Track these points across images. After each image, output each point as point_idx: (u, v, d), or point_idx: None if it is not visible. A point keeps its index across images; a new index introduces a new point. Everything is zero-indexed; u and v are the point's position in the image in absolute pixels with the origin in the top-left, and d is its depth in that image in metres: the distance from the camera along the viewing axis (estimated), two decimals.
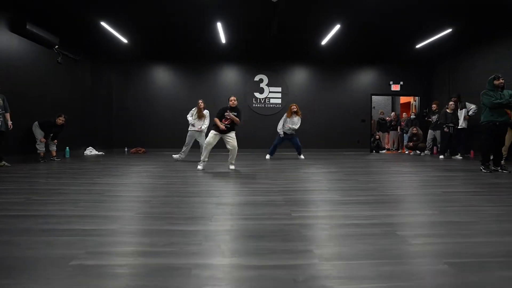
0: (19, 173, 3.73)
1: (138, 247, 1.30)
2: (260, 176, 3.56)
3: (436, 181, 3.28)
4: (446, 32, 6.39)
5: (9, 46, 5.15)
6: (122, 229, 1.54)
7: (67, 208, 1.97)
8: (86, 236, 1.43)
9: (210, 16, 5.77)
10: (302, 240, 1.39)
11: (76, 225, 1.60)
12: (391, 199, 2.31)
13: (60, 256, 1.19)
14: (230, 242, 1.37)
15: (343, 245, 1.35)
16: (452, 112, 6.69)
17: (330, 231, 1.55)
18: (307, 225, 1.64)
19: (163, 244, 1.33)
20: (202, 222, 1.66)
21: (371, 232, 1.52)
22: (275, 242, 1.37)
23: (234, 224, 1.64)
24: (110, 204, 2.10)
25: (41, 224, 1.61)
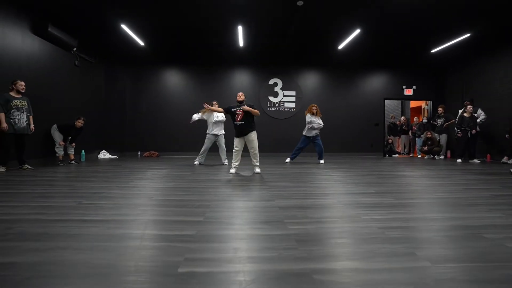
0: (47, 176, 3.65)
1: (237, 253, 1.24)
2: (293, 179, 3.50)
3: (475, 184, 3.25)
4: (464, 37, 6.43)
5: (31, 49, 5.10)
6: (201, 235, 1.48)
7: (128, 212, 1.91)
8: (173, 242, 1.37)
9: (232, 19, 5.76)
10: (405, 243, 1.35)
11: (153, 230, 1.54)
12: (449, 203, 2.27)
13: (164, 263, 1.13)
14: (331, 246, 1.32)
15: (447, 248, 1.30)
16: (470, 116, 6.70)
17: (431, 234, 1.50)
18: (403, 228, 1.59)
19: (260, 249, 1.28)
20: (280, 226, 1.61)
21: (463, 235, 1.48)
22: (377, 244, 1.32)
23: (316, 228, 1.58)
24: (168, 209, 2.03)
25: (115, 229, 1.54)
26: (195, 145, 8.30)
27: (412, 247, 1.32)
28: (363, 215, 1.89)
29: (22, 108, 4.36)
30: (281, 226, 1.63)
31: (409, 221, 1.75)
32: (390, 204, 2.22)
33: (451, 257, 1.21)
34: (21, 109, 4.34)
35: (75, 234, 1.46)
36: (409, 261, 1.17)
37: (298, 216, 1.85)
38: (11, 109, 4.18)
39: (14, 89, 4.27)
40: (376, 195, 2.60)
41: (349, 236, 1.48)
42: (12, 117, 4.19)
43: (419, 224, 1.70)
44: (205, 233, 1.50)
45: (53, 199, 2.31)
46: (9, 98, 4.19)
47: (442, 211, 2.00)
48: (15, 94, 4.29)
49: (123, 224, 1.65)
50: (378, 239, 1.42)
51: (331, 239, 1.43)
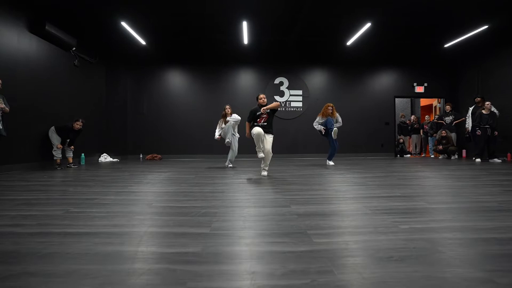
0: (41, 181, 3.39)
1: (255, 280, 0.94)
2: (305, 182, 3.20)
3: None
4: (481, 29, 6.09)
5: (28, 48, 4.89)
6: (208, 252, 1.18)
7: (122, 223, 1.62)
8: (173, 263, 1.07)
9: (236, 16, 5.51)
10: (477, 266, 1.03)
11: (149, 246, 1.25)
12: (495, 207, 1.95)
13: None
14: (377, 267, 1.01)
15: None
16: (489, 113, 6.34)
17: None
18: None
19: (285, 273, 0.97)
20: (303, 239, 1.31)
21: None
22: (438, 265, 1.01)
23: (348, 241, 1.28)
24: (169, 218, 1.74)
25: (102, 245, 1.26)
26: (199, 148, 8.06)
27: (486, 269, 1.01)
28: (399, 223, 1.58)
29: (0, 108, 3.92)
30: (306, 240, 1.32)
31: (461, 231, 1.44)
32: (426, 209, 1.90)
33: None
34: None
35: (51, 253, 1.17)
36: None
37: (322, 225, 1.55)
38: None
39: None
40: (405, 198, 2.28)
41: (395, 252, 1.17)
42: None
43: (474, 236, 1.37)
44: (212, 250, 1.21)
45: (38, 206, 2.04)
46: None
47: (491, 218, 1.67)
48: None
49: (113, 238, 1.36)
50: (436, 259, 1.11)
51: (374, 258, 1.12)
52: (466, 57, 7.93)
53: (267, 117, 3.99)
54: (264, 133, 3.87)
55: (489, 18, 5.69)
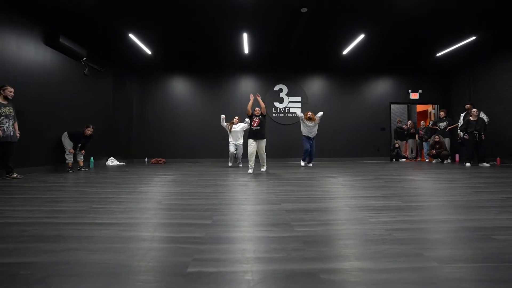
0: (58, 182, 3.73)
1: (245, 254, 1.26)
2: (299, 184, 3.51)
3: (486, 187, 3.20)
4: (469, 40, 6.42)
5: (43, 59, 5.28)
6: (210, 237, 1.50)
7: (138, 216, 1.94)
8: (182, 243, 1.40)
9: (237, 28, 5.88)
10: (413, 244, 1.35)
11: (162, 233, 1.57)
12: (459, 205, 2.25)
13: (173, 263, 1.16)
14: (339, 247, 1.33)
15: (456, 248, 1.29)
16: (476, 119, 6.64)
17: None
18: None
19: (267, 250, 1.29)
20: (287, 228, 1.62)
21: (473, 236, 1.47)
22: (385, 245, 1.32)
23: (323, 230, 1.59)
24: (176, 213, 2.06)
25: (126, 232, 1.58)
26: (202, 152, 8.41)
27: (420, 248, 1.32)
28: (370, 217, 1.89)
29: (10, 115, 4.17)
30: (289, 229, 1.64)
31: (417, 223, 1.75)
32: (398, 207, 2.21)
33: (459, 258, 1.21)
34: (9, 116, 4.15)
35: (88, 236, 1.50)
36: (417, 261, 1.17)
37: (305, 219, 1.86)
38: (0, 117, 4.01)
39: (1, 94, 4.08)
40: (384, 198, 2.59)
41: (357, 237, 1.49)
42: (0, 125, 4.02)
43: (428, 226, 1.69)
44: (213, 235, 1.53)
45: (65, 203, 2.37)
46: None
47: (451, 213, 1.99)
48: (2, 100, 4.10)
49: (133, 226, 1.68)
50: (386, 241, 1.42)
51: (338, 241, 1.44)
52: (458, 64, 8.26)
53: (260, 121, 5.04)
54: (258, 138, 5.05)
55: (475, 30, 6.02)
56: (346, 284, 0.99)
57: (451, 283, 0.99)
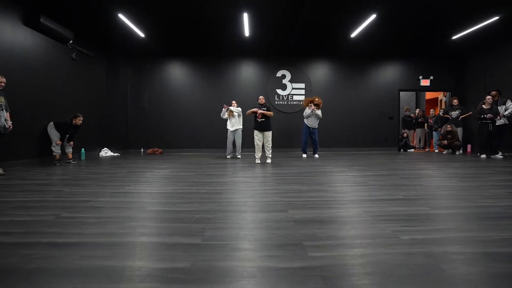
0: (37, 179, 3.37)
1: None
2: (306, 182, 3.13)
3: None
4: (492, 20, 5.85)
5: (22, 41, 4.79)
6: (197, 268, 1.12)
7: (114, 231, 1.57)
8: (161, 282, 1.02)
9: (237, 7, 5.33)
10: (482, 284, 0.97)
11: (135, 261, 1.20)
12: (499, 214, 1.87)
13: None
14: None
15: None
16: (490, 107, 6.15)
17: None
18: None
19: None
20: (299, 253, 1.25)
21: None
22: (436, 285, 0.94)
23: (344, 256, 1.21)
24: (161, 225, 1.69)
25: (87, 260, 1.21)
26: (201, 142, 8.01)
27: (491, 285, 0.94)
28: (400, 233, 1.51)
29: (2, 105, 3.88)
30: (301, 253, 1.26)
31: (462, 244, 1.37)
32: (428, 216, 1.83)
33: None
34: (1, 106, 3.86)
35: (33, 270, 1.13)
36: None
37: (319, 235, 1.49)
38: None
39: None
40: (407, 202, 2.21)
41: (392, 269, 1.10)
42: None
43: (479, 251, 1.31)
44: (202, 264, 1.15)
45: (30, 210, 2.00)
46: None
47: (497, 228, 1.60)
48: None
49: (100, 250, 1.31)
50: (435, 275, 1.04)
51: (367, 276, 1.06)
52: (474, 49, 7.68)
53: (262, 113, 5.13)
54: (264, 130, 5.20)
55: (500, 8, 5.45)
56: None
57: None
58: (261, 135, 5.22)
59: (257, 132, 5.22)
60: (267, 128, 5.21)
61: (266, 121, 5.17)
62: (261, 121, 5.15)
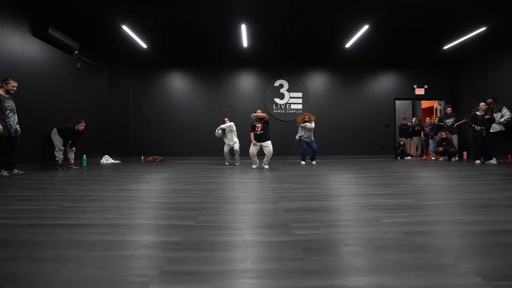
0: (41, 180, 3.48)
1: (230, 264, 0.99)
2: (299, 181, 3.24)
3: (506, 184, 2.91)
4: (479, 31, 6.10)
5: (30, 51, 5.03)
6: (189, 242, 1.23)
7: (110, 216, 1.68)
8: (154, 249, 1.13)
9: (234, 18, 5.60)
10: (441, 252, 1.07)
11: (133, 236, 1.30)
12: (481, 204, 1.97)
13: (133, 278, 0.89)
14: (346, 255, 1.05)
15: (496, 258, 1.02)
16: (483, 114, 6.30)
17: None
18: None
19: (259, 259, 1.02)
20: (284, 231, 1.35)
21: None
22: (405, 253, 1.04)
23: (327, 233, 1.32)
24: (159, 212, 1.80)
25: (90, 234, 1.32)
26: (200, 150, 8.14)
27: (452, 257, 1.04)
28: (382, 218, 1.61)
29: (14, 109, 4.08)
30: (286, 231, 1.37)
31: (438, 225, 1.47)
32: (413, 206, 1.93)
33: (507, 271, 0.93)
34: (13, 110, 4.07)
35: (42, 241, 1.23)
36: (453, 275, 0.90)
37: (306, 219, 1.59)
38: (6, 111, 3.90)
39: (3, 87, 3.93)
40: (394, 196, 2.31)
41: (369, 243, 1.21)
42: (7, 119, 3.91)
43: (453, 228, 1.41)
44: (194, 239, 1.26)
45: (35, 201, 2.11)
46: (1, 98, 3.89)
47: (476, 214, 1.70)
48: (4, 94, 3.95)
49: (102, 229, 1.42)
50: (406, 247, 1.15)
51: (346, 247, 1.16)
52: (466, 58, 7.93)
53: (262, 126, 5.26)
54: (261, 141, 5.26)
55: (487, 19, 5.70)
56: None
57: None
58: (259, 145, 5.29)
59: (255, 142, 5.29)
60: (265, 139, 5.28)
61: (264, 133, 5.27)
62: (259, 133, 5.27)
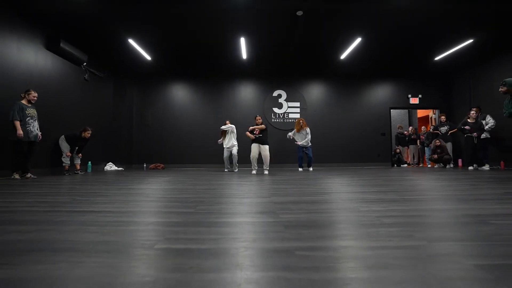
0: (50, 182, 3.69)
1: (221, 234, 1.19)
2: (293, 183, 3.43)
3: (486, 183, 3.09)
4: (467, 43, 6.41)
5: (43, 63, 5.35)
6: (188, 221, 1.44)
7: (120, 206, 1.89)
8: (159, 226, 1.34)
9: (234, 32, 5.94)
10: (403, 227, 1.27)
11: (140, 218, 1.51)
12: (456, 198, 2.16)
13: (143, 241, 1.10)
14: (322, 229, 1.25)
15: (448, 230, 1.21)
16: (475, 121, 6.53)
17: None
18: None
19: (245, 232, 1.22)
20: (271, 215, 1.55)
21: (466, 221, 1.38)
22: (373, 228, 1.24)
23: (308, 216, 1.52)
24: (162, 203, 2.00)
25: (103, 217, 1.53)
26: (201, 158, 8.36)
27: (410, 230, 1.24)
28: (361, 207, 1.81)
29: (35, 117, 4.52)
30: (273, 216, 1.57)
31: (410, 212, 1.67)
32: (392, 200, 2.12)
33: (451, 238, 1.13)
34: (34, 117, 4.50)
35: (63, 220, 1.45)
36: (405, 241, 1.10)
37: (292, 208, 1.79)
38: (26, 117, 4.32)
39: (25, 98, 4.42)
40: (379, 193, 2.50)
41: (343, 222, 1.41)
42: (27, 125, 4.33)
43: (421, 214, 1.61)
44: (193, 220, 1.46)
45: (49, 196, 2.32)
46: (24, 106, 4.33)
47: (447, 204, 1.90)
48: (27, 103, 4.43)
49: (113, 214, 1.63)
50: (375, 225, 1.35)
51: (322, 225, 1.36)
52: (457, 68, 8.23)
53: (259, 132, 5.58)
54: (260, 144, 5.57)
55: (472, 33, 6.02)
56: (328, 259, 0.91)
57: (439, 258, 0.91)
58: (257, 149, 5.59)
59: (254, 145, 5.59)
60: (265, 142, 5.61)
61: (263, 136, 5.61)
62: (258, 136, 5.59)
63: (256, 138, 5.59)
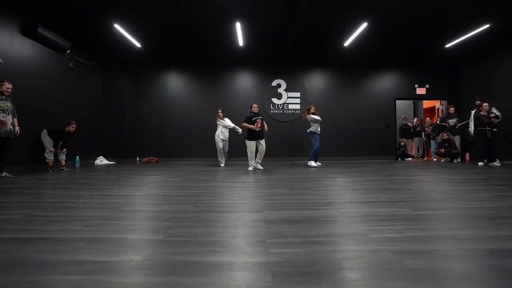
0: (24, 184, 3.36)
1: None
2: (291, 186, 3.08)
3: (510, 190, 2.74)
4: (483, 28, 5.90)
5: (20, 50, 4.91)
6: (148, 262, 1.09)
7: (74, 228, 1.54)
8: (99, 274, 0.98)
9: (229, 17, 5.46)
10: (436, 281, 0.91)
11: (84, 255, 1.16)
12: (482, 215, 1.81)
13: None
14: (326, 285, 0.90)
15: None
16: (487, 115, 6.12)
17: None
18: None
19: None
20: (260, 250, 1.20)
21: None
22: (395, 281, 0.89)
23: (307, 252, 1.16)
24: (128, 223, 1.66)
25: (40, 253, 1.18)
26: (196, 150, 8.00)
27: (449, 287, 0.89)
28: (371, 232, 1.46)
29: (7, 110, 4.09)
30: (261, 250, 1.22)
31: (433, 242, 1.31)
32: (407, 217, 1.77)
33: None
34: (7, 111, 4.07)
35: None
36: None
37: (286, 234, 1.44)
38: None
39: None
40: (389, 204, 2.15)
41: (354, 266, 1.06)
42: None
43: (448, 248, 1.25)
44: (151, 261, 1.11)
45: (4, 209, 1.98)
46: None
47: (475, 227, 1.54)
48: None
49: (51, 245, 1.28)
50: (395, 272, 0.99)
51: (325, 272, 1.01)
52: (469, 57, 7.71)
53: (261, 122, 5.29)
54: (260, 138, 5.32)
55: (490, 17, 5.51)
56: None
57: None
58: (255, 144, 5.30)
59: (253, 141, 5.26)
60: (263, 137, 5.37)
61: (262, 129, 5.35)
62: (259, 131, 5.26)
63: (257, 133, 5.24)
